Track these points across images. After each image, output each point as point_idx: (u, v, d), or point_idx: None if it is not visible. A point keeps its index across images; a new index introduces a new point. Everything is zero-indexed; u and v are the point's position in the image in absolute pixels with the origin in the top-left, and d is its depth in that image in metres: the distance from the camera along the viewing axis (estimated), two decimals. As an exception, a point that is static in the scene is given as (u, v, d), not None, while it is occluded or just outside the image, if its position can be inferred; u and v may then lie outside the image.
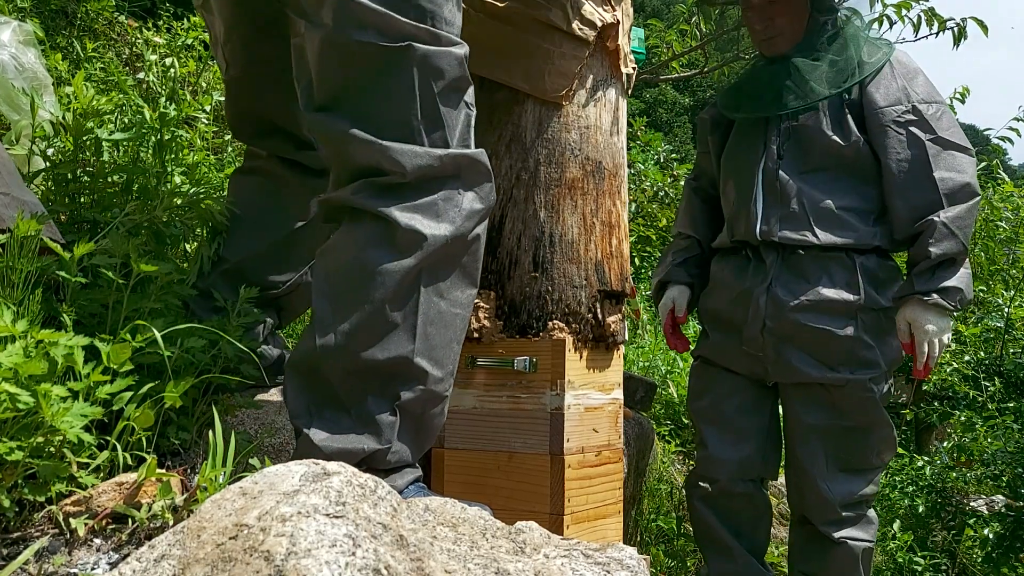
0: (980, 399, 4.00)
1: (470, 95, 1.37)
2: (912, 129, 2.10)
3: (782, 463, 2.40)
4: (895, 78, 2.16)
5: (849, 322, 2.11)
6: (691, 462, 3.79)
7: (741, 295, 2.23)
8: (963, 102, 4.62)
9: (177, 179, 1.88)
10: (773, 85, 2.24)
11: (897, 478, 3.77)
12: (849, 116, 2.16)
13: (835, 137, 2.14)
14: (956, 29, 3.12)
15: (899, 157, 2.09)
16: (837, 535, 2.13)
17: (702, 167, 2.51)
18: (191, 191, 1.69)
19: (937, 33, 3.13)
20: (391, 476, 1.31)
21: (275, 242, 1.77)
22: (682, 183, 5.43)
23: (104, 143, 1.87)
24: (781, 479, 3.24)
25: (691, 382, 2.46)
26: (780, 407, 2.37)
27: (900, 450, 3.93)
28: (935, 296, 2.01)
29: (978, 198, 2.10)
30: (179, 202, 1.68)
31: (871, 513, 2.23)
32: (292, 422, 1.30)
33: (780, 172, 2.18)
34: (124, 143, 1.92)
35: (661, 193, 5.95)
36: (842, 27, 2.27)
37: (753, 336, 2.19)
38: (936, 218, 2.03)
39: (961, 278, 2.03)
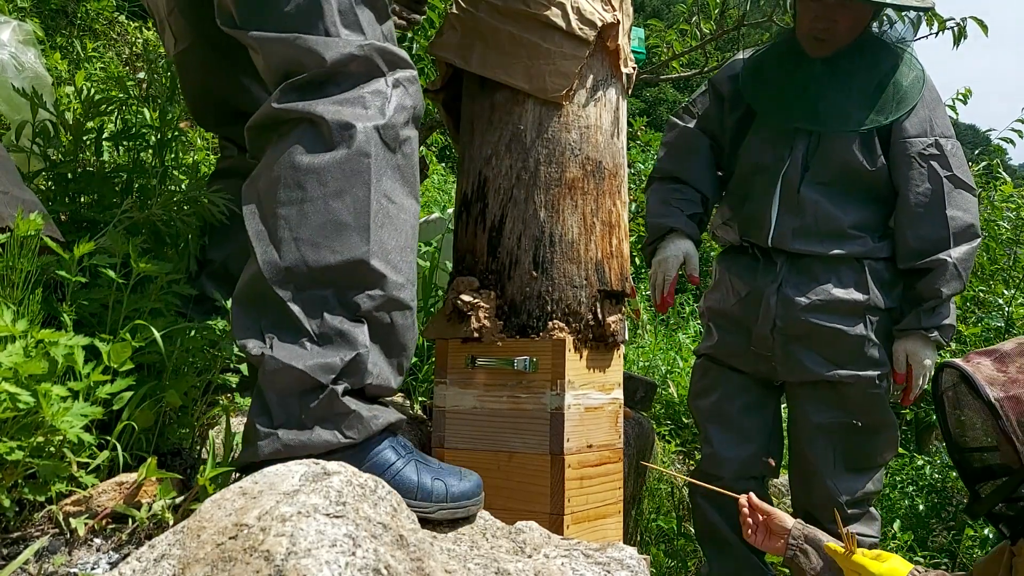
0: (980, 399, 3.99)
1: (389, 27, 1.32)
2: (933, 164, 2.14)
3: (784, 462, 2.41)
4: (923, 106, 2.17)
5: (858, 321, 2.14)
6: (691, 462, 3.79)
7: (751, 295, 2.23)
8: (965, 103, 4.61)
9: (178, 179, 1.88)
10: (809, 93, 2.20)
11: (897, 478, 3.77)
12: (877, 140, 2.17)
13: (862, 159, 2.16)
14: (956, 29, 3.11)
15: (918, 190, 2.13)
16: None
17: (710, 118, 2.39)
18: (188, 188, 1.69)
19: (937, 33, 3.12)
20: (372, 407, 1.22)
21: None
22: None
23: (104, 143, 1.87)
24: (782, 479, 3.24)
25: (694, 380, 2.46)
26: (785, 406, 2.38)
27: (900, 450, 3.93)
28: (936, 333, 2.11)
29: (979, 239, 2.17)
30: (178, 199, 1.67)
31: (874, 510, 2.25)
32: (245, 352, 1.19)
33: (801, 184, 2.18)
34: (124, 143, 1.92)
35: (661, 193, 5.94)
36: (892, 44, 2.25)
37: (763, 336, 2.20)
38: (948, 258, 2.09)
39: (953, 314, 2.15)
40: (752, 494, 1.83)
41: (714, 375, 2.37)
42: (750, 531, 1.81)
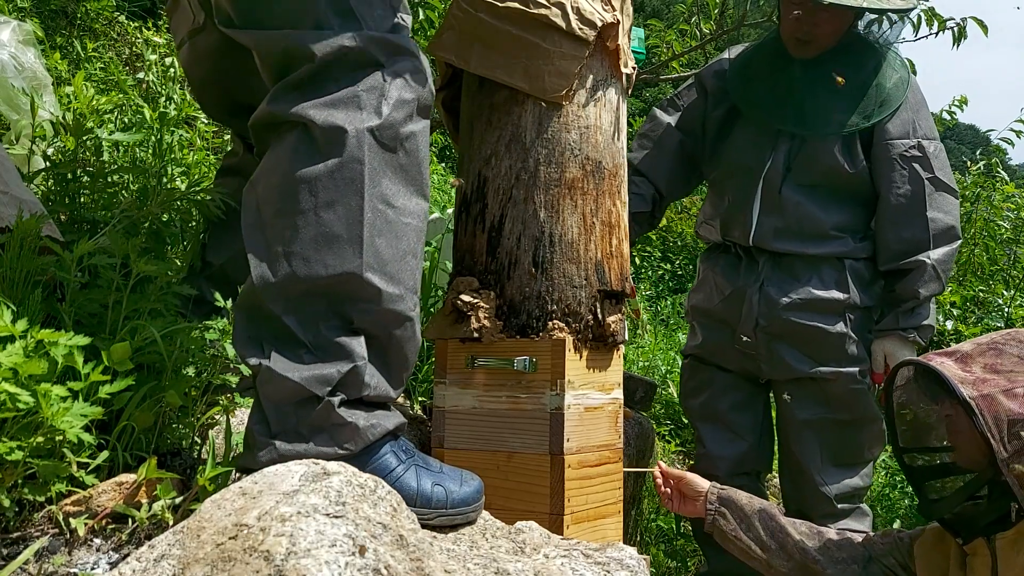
0: (980, 399, 3.98)
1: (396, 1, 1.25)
2: (915, 166, 2.15)
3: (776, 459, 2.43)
4: (906, 108, 2.18)
5: (839, 319, 2.17)
6: (690, 461, 3.80)
7: (734, 294, 2.25)
8: (962, 110, 4.63)
9: (177, 180, 1.88)
10: (795, 96, 2.20)
11: (897, 478, 3.76)
12: (859, 142, 2.17)
13: (843, 162, 2.16)
14: (956, 29, 3.11)
15: (899, 192, 2.15)
16: (835, 527, 2.16)
17: (694, 112, 2.39)
18: (188, 185, 1.69)
19: (937, 33, 3.13)
20: (372, 415, 1.20)
21: None
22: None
23: (104, 143, 1.87)
24: (776, 479, 3.24)
25: (683, 380, 2.48)
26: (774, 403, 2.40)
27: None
28: (915, 334, 2.13)
29: (959, 241, 2.17)
30: (178, 196, 1.67)
31: (864, 506, 2.27)
32: (245, 362, 1.18)
33: (783, 186, 2.19)
34: (124, 143, 1.92)
35: (661, 193, 5.93)
36: (877, 45, 2.25)
37: (746, 334, 2.22)
38: (927, 260, 2.11)
39: (933, 315, 2.16)
40: (662, 463, 1.91)
41: (702, 375, 2.39)
42: (667, 499, 1.89)
